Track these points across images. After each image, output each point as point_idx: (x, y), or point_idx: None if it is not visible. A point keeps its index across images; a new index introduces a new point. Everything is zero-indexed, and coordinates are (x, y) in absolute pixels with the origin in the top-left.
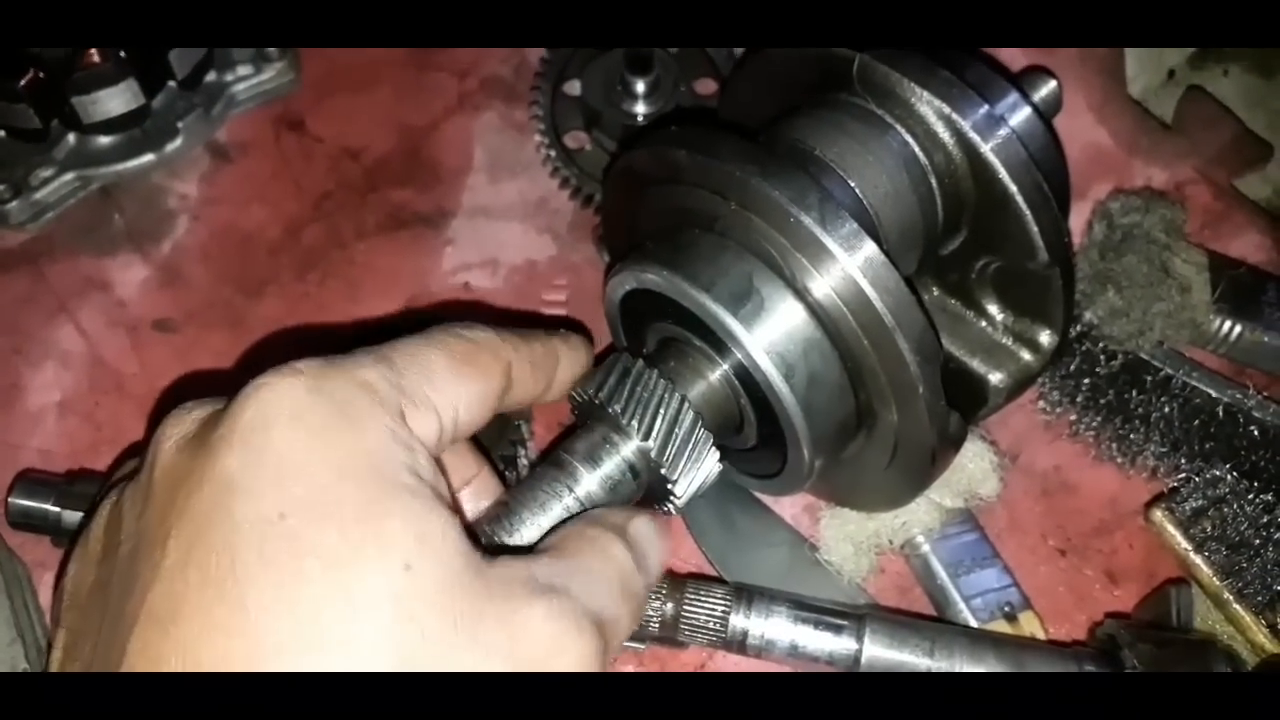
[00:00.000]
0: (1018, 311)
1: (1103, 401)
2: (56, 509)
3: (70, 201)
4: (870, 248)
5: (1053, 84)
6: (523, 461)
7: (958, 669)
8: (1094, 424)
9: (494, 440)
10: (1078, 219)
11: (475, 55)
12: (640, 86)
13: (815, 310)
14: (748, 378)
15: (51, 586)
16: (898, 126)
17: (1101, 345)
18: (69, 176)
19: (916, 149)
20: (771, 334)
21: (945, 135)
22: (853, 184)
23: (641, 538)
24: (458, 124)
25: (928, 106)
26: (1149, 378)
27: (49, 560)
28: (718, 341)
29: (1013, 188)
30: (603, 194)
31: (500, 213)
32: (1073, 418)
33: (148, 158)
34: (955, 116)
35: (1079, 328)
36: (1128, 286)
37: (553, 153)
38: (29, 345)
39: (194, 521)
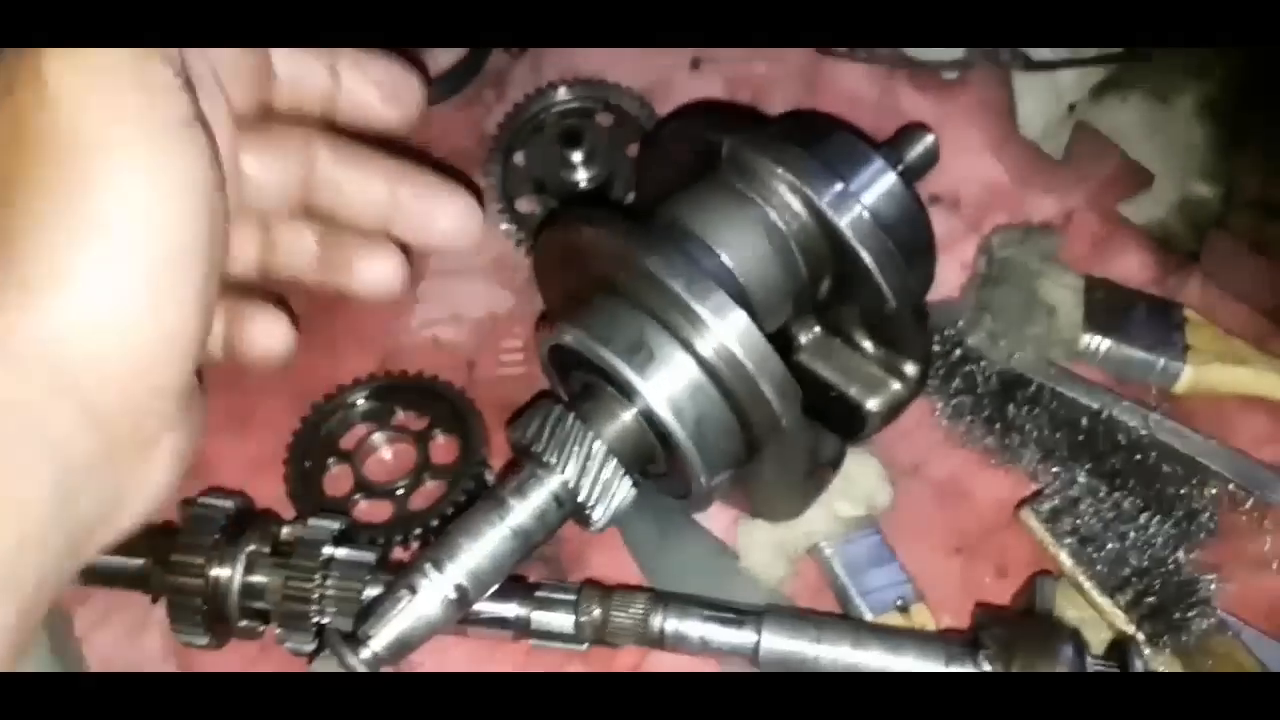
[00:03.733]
0: (885, 346)
1: (984, 415)
2: None
3: None
4: (736, 313)
5: (928, 139)
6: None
7: (843, 654)
8: (980, 435)
9: (459, 476)
10: (973, 253)
11: (441, 128)
12: (576, 156)
13: (699, 361)
14: (651, 417)
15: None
16: (758, 201)
17: (983, 365)
18: None
19: (777, 220)
20: (662, 381)
21: (800, 208)
22: (720, 254)
23: None
24: None
25: (784, 184)
26: (1021, 392)
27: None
28: (621, 386)
29: (862, 252)
30: (533, 266)
31: (464, 271)
32: (962, 430)
33: None
34: (808, 192)
35: (959, 352)
36: (1001, 314)
37: (506, 216)
38: None
39: None
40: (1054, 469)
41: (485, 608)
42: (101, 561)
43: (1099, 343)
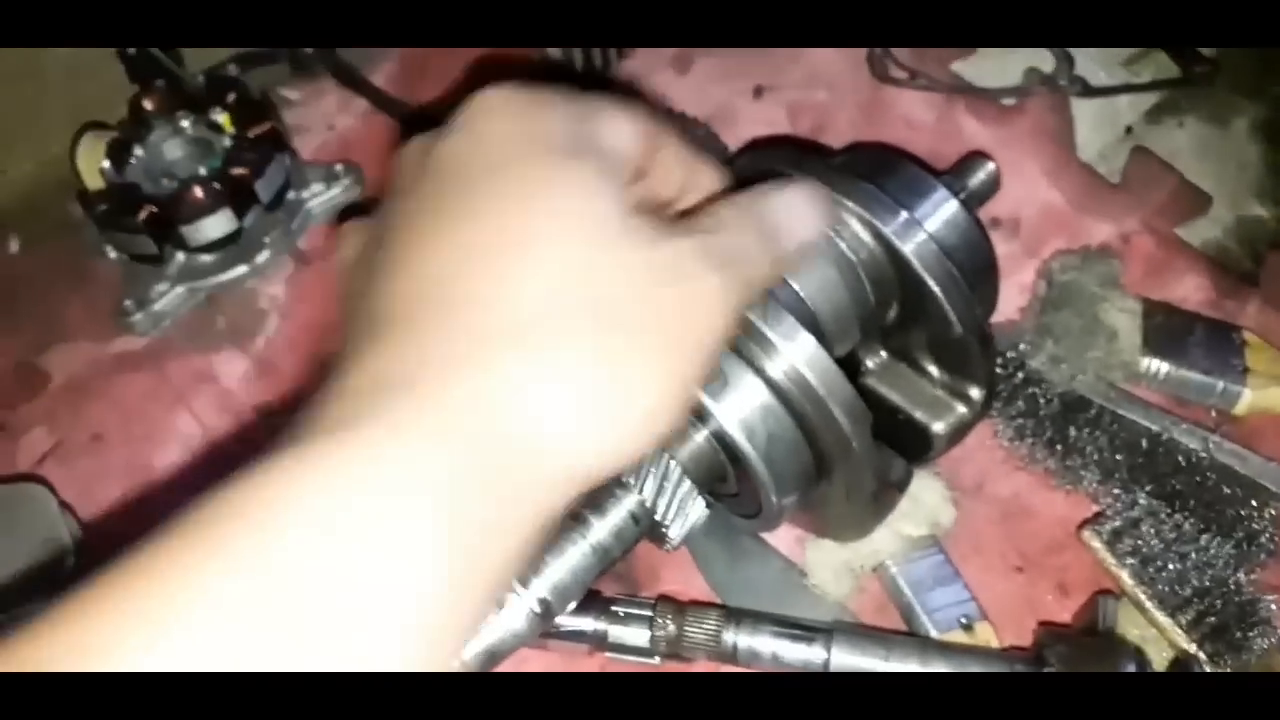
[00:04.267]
0: (950, 370)
1: (1046, 437)
2: None
3: (182, 310)
4: (804, 337)
5: (990, 167)
6: None
7: (909, 670)
8: (1042, 457)
9: None
10: (1033, 275)
11: None
12: None
13: (770, 384)
14: (723, 438)
15: None
16: (829, 232)
17: (1044, 387)
18: (180, 289)
19: (846, 249)
20: (734, 403)
21: (868, 238)
22: (791, 282)
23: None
24: None
25: (853, 215)
26: (1082, 415)
27: None
28: (694, 408)
29: (928, 278)
30: None
31: None
32: (1024, 452)
33: (242, 269)
34: (875, 223)
35: (1021, 374)
36: (1063, 338)
37: None
38: (156, 431)
39: (414, 186)
40: (1115, 490)
41: (564, 621)
42: None
43: (1159, 366)
